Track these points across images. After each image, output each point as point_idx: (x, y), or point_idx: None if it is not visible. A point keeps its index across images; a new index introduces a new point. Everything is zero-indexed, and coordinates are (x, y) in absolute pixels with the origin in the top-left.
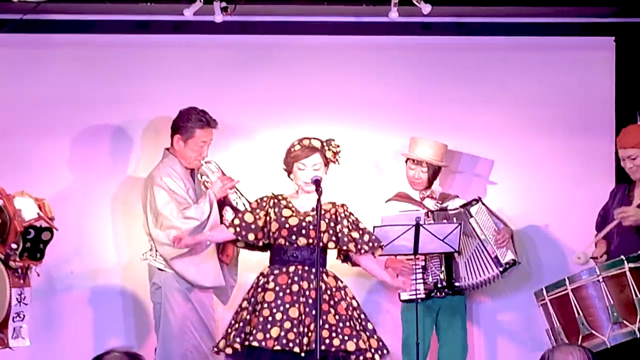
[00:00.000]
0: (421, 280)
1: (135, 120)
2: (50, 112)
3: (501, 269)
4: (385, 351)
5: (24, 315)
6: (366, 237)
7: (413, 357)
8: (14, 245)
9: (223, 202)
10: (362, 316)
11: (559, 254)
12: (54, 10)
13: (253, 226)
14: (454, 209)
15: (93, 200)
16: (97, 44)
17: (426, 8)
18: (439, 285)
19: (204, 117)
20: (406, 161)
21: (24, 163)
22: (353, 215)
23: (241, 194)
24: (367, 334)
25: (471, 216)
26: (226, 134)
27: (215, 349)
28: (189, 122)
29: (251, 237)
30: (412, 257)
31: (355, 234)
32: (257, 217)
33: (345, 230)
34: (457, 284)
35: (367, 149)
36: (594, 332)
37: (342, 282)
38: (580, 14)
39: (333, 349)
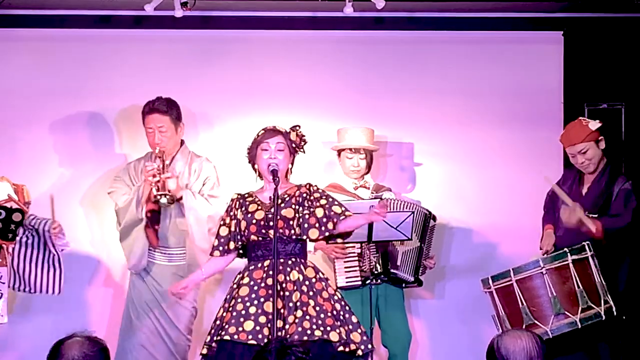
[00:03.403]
0: (357, 268)
1: (103, 110)
2: (15, 104)
3: (414, 278)
4: (369, 346)
5: (1, 294)
6: (336, 209)
7: None
8: None
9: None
10: (347, 308)
11: (507, 241)
12: (19, 5)
13: (229, 236)
14: (419, 207)
15: (71, 189)
16: (61, 38)
17: (380, 3)
18: (375, 272)
19: (149, 104)
20: (338, 153)
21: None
22: (317, 192)
23: (164, 189)
24: (350, 327)
25: (429, 224)
26: (191, 124)
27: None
28: (141, 112)
29: (232, 245)
30: (347, 245)
31: (319, 212)
32: (229, 225)
33: (306, 214)
34: (392, 270)
35: (322, 138)
36: (536, 322)
37: (322, 273)
38: (530, 9)
39: (316, 339)
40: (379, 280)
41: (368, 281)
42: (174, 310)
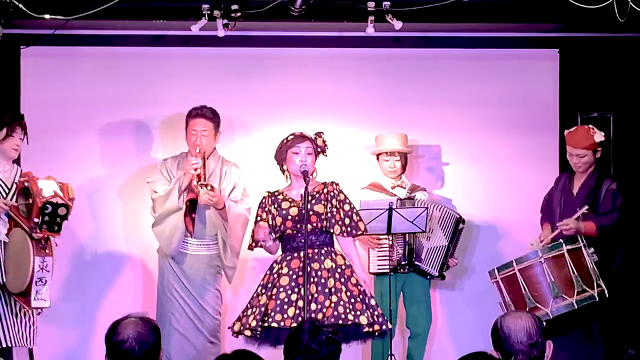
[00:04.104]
0: (387, 257)
1: (150, 118)
2: (78, 113)
3: (439, 273)
4: (384, 327)
5: (45, 281)
6: (347, 221)
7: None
8: (36, 220)
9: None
10: (366, 292)
11: (508, 236)
12: (81, 26)
13: (269, 230)
14: (451, 211)
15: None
16: (117, 55)
17: (397, 24)
18: (402, 263)
19: (196, 110)
20: (377, 157)
21: (58, 157)
22: (342, 193)
23: (204, 180)
24: (371, 309)
25: (458, 227)
26: (228, 131)
27: (232, 332)
28: (187, 115)
29: (273, 236)
30: (381, 237)
31: (342, 214)
32: (266, 219)
33: (334, 211)
34: (416, 262)
35: (346, 143)
36: (538, 305)
37: (348, 260)
38: (530, 30)
39: (349, 323)
40: (405, 270)
41: (396, 269)
42: (200, 293)
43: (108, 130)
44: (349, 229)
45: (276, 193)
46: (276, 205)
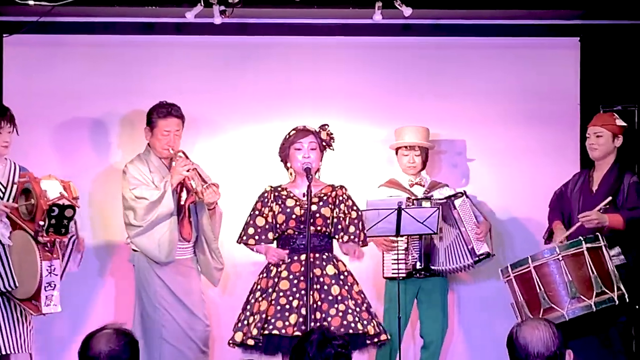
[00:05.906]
0: (403, 261)
1: (141, 111)
2: (64, 105)
3: (475, 259)
4: (382, 337)
5: (54, 285)
6: (352, 229)
7: (391, 328)
8: (41, 222)
9: (183, 186)
10: (367, 300)
11: (526, 233)
12: (67, 13)
13: (267, 226)
14: (439, 199)
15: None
16: (106, 44)
17: (407, 11)
18: (417, 267)
19: (164, 109)
20: (396, 152)
21: (43, 151)
22: (351, 199)
23: (202, 180)
24: (376, 319)
25: (454, 208)
26: (226, 125)
27: (231, 342)
28: (153, 114)
29: (270, 236)
30: (396, 238)
31: (348, 221)
32: (266, 216)
33: (341, 217)
34: (433, 267)
35: (352, 138)
36: (554, 306)
37: (347, 267)
38: (549, 17)
39: (360, 332)
40: (421, 275)
41: (412, 274)
42: (190, 299)
43: (95, 123)
44: (352, 237)
45: (279, 188)
46: (280, 202)
